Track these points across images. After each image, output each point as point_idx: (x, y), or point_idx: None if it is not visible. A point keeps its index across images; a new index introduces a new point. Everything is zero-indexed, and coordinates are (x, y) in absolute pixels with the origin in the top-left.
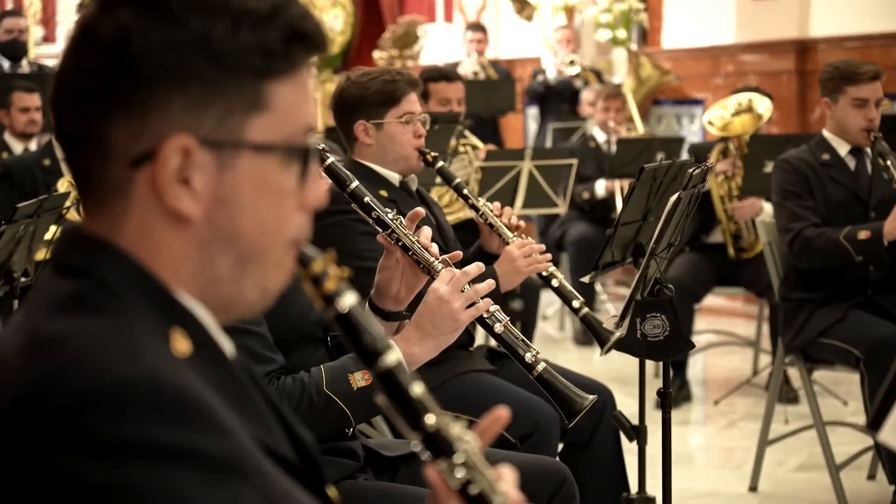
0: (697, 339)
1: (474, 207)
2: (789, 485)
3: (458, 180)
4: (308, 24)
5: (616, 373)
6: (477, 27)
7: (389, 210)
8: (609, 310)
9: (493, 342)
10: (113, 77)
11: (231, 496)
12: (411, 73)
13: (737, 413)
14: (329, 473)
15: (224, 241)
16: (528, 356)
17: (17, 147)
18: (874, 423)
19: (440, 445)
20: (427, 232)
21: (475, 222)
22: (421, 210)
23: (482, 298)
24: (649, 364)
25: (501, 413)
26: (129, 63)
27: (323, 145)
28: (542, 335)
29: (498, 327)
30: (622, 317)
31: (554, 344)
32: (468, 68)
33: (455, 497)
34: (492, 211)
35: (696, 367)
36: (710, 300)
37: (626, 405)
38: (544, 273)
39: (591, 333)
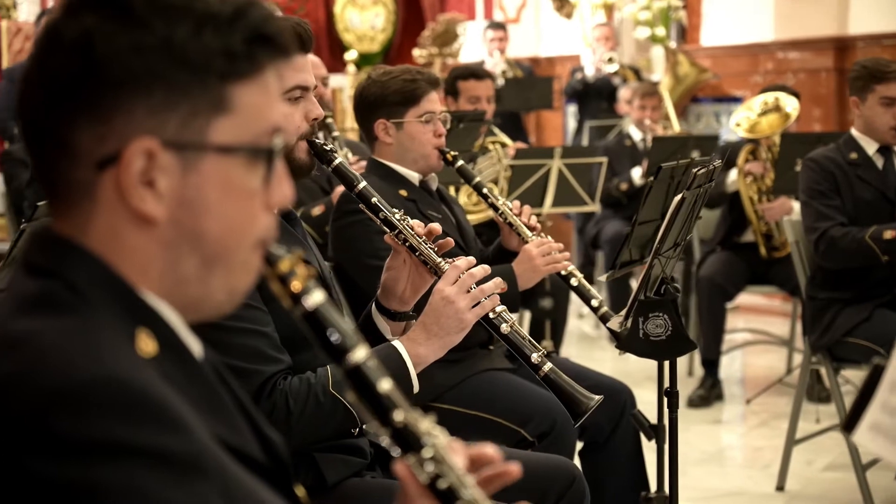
0: (734, 338)
1: (493, 206)
2: (816, 484)
3: (477, 179)
4: (271, 26)
5: (651, 371)
6: (497, 25)
7: (397, 210)
8: None
9: None
10: (77, 80)
11: (192, 494)
12: (431, 73)
13: (769, 412)
14: (336, 471)
15: (190, 241)
16: (535, 356)
17: None
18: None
19: (409, 441)
20: (434, 229)
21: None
22: (437, 226)
23: (488, 298)
24: (682, 363)
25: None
26: (93, 66)
27: (330, 146)
28: (579, 333)
29: (504, 328)
30: (626, 316)
31: (589, 342)
32: (496, 67)
33: (424, 492)
34: (511, 210)
35: (734, 365)
36: (749, 299)
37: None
38: (563, 272)
39: (610, 332)
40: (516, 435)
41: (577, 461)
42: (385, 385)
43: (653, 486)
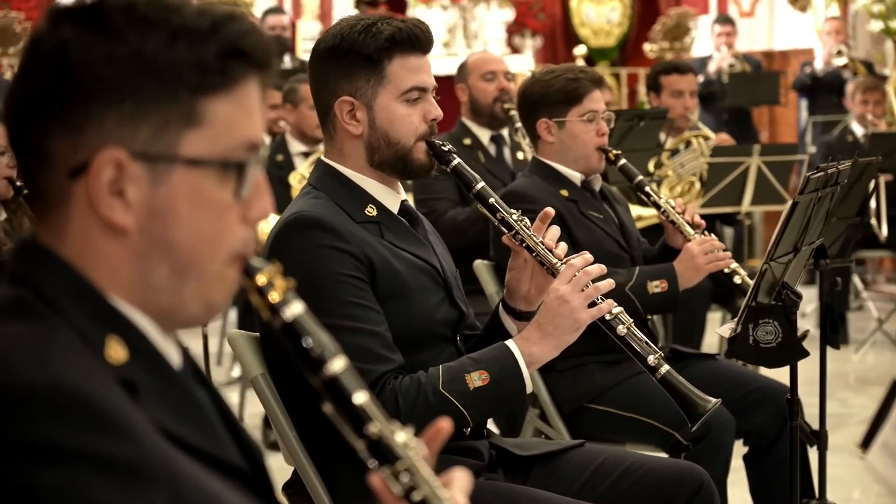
0: None
1: (656, 205)
2: None
3: (639, 178)
4: (248, 41)
5: (863, 373)
6: (725, 20)
7: (514, 211)
8: (870, 308)
9: (675, 343)
10: (52, 90)
11: (135, 499)
12: (595, 71)
13: None
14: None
15: (160, 251)
16: (651, 358)
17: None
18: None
19: (384, 452)
20: (553, 232)
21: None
22: (550, 210)
23: (604, 300)
24: None
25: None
26: (66, 76)
27: (449, 146)
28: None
29: (621, 329)
30: (738, 321)
31: (809, 341)
32: (723, 62)
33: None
34: (674, 208)
35: None
36: None
37: (866, 407)
38: (726, 270)
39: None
40: (671, 438)
41: (734, 466)
42: (360, 397)
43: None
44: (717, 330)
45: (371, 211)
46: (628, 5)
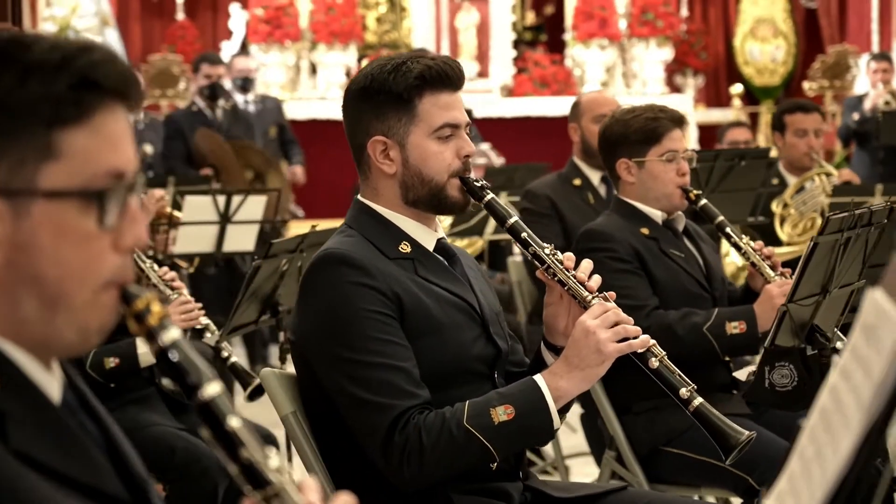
0: None
1: (737, 246)
2: None
3: (720, 219)
4: (100, 71)
5: None
6: (882, 57)
7: (547, 245)
8: None
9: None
10: None
11: None
12: (675, 111)
13: None
14: None
15: (27, 285)
16: (684, 391)
17: None
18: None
19: (255, 477)
20: (585, 266)
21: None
22: (570, 255)
23: (636, 338)
24: None
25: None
26: None
27: (482, 182)
28: None
29: (653, 362)
30: (759, 365)
31: None
32: (878, 100)
33: None
34: (755, 250)
35: None
36: None
37: None
38: None
39: None
40: (743, 482)
41: None
42: (234, 422)
43: None
44: (734, 373)
45: (405, 248)
46: (793, 43)
